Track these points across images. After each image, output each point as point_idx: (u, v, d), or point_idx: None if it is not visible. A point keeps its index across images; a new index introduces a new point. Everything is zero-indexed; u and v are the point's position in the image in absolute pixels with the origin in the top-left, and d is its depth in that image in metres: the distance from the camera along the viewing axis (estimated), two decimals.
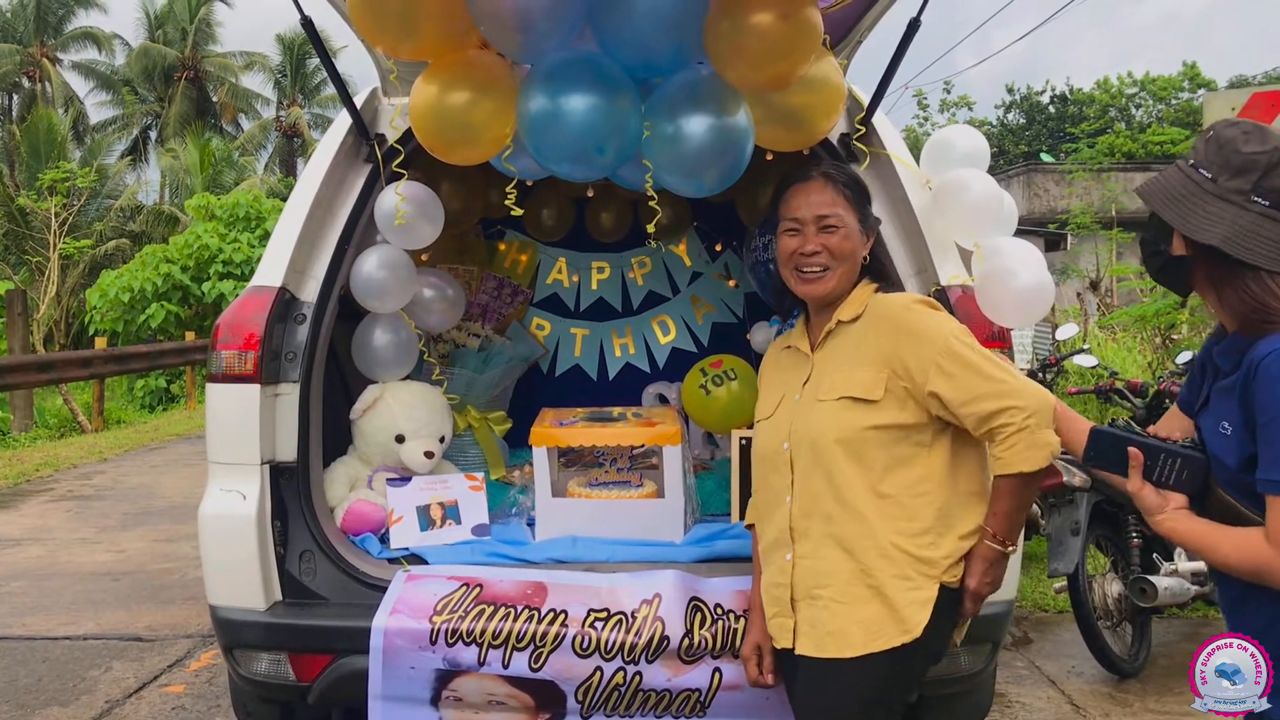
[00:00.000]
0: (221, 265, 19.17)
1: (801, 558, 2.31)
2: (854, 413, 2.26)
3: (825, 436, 2.27)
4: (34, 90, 37.88)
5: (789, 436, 2.35)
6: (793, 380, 2.44)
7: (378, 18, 2.65)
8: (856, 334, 2.34)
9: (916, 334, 2.25)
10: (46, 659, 5.02)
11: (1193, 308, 10.88)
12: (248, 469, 3.01)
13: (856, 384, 2.27)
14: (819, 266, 2.36)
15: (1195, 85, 34.29)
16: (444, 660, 2.79)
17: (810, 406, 2.33)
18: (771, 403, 2.48)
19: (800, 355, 2.47)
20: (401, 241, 3.46)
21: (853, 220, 2.39)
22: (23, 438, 13.61)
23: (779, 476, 2.38)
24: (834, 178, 2.41)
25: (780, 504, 2.37)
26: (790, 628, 2.32)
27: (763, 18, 2.56)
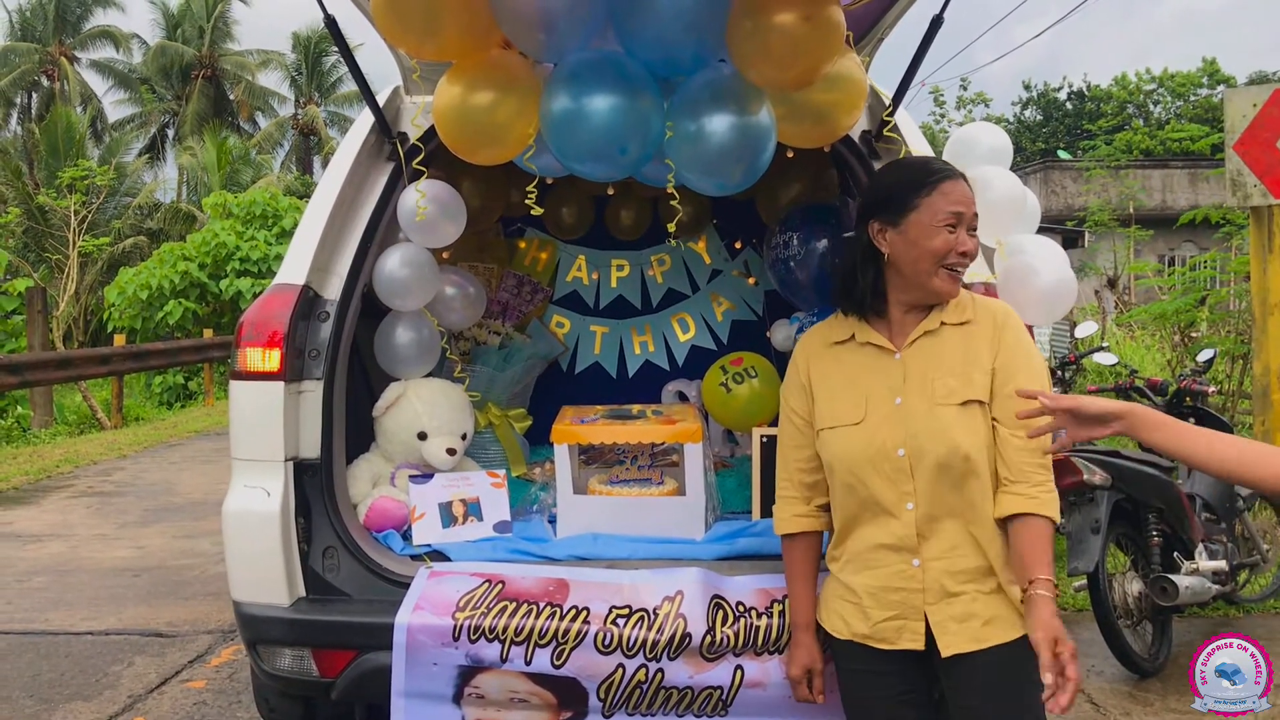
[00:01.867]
0: (239, 263, 19.25)
1: (932, 559, 2.26)
2: (977, 417, 2.24)
3: (957, 444, 2.21)
4: (52, 89, 38.09)
5: (904, 443, 2.26)
6: (879, 381, 2.33)
7: (401, 19, 2.65)
8: (963, 335, 2.30)
9: (1018, 346, 2.28)
10: (69, 654, 5.06)
11: (1211, 305, 10.84)
12: (272, 466, 3.02)
13: (977, 387, 2.24)
14: (964, 268, 2.32)
15: (1215, 81, 34.09)
16: (466, 657, 2.79)
17: (927, 411, 2.25)
18: (854, 406, 2.34)
19: (879, 353, 2.36)
20: (424, 240, 3.48)
21: None
22: (43, 434, 13.70)
23: (890, 485, 2.28)
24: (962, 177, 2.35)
25: (896, 511, 2.28)
26: (921, 630, 2.27)
27: (785, 17, 2.55)
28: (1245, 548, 5.29)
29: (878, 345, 2.35)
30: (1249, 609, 5.47)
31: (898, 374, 2.31)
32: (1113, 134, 29.97)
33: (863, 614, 2.35)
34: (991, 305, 2.35)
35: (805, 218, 4.25)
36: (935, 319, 2.31)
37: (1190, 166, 24.19)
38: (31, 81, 38.28)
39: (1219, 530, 5.02)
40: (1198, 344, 9.47)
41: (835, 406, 2.38)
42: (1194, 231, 16.68)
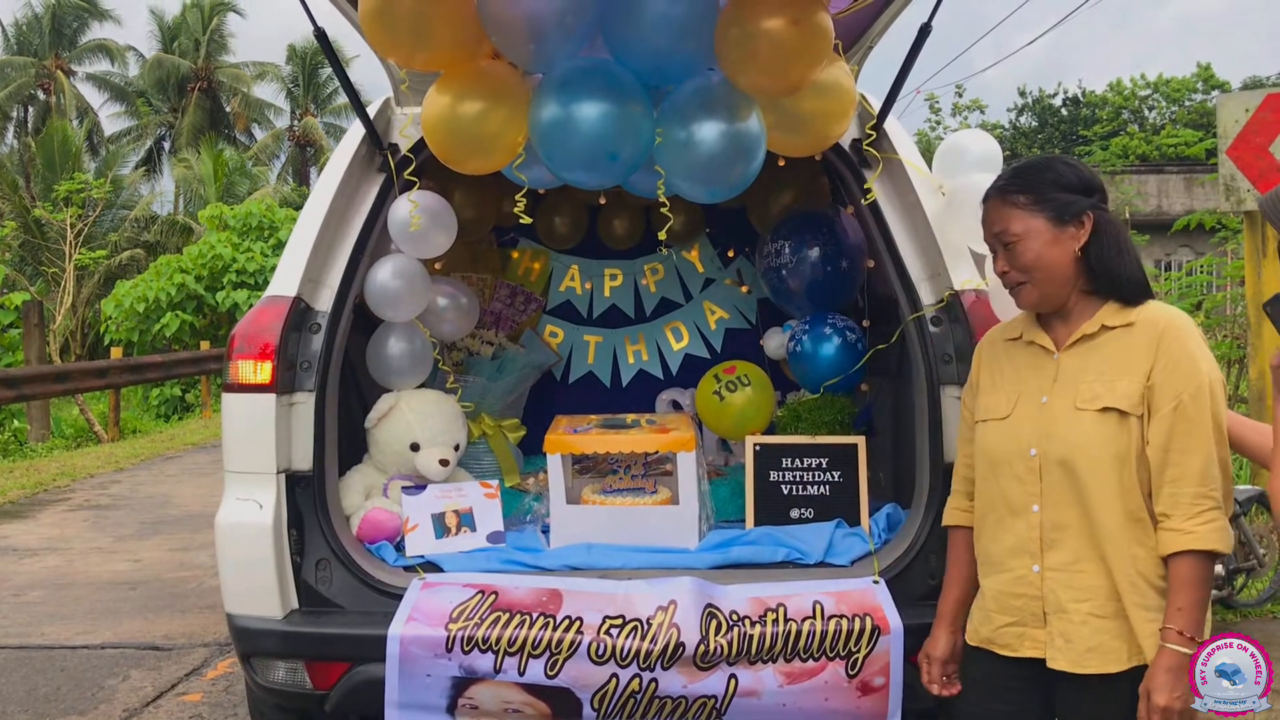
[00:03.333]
0: (235, 275, 19.27)
1: (1052, 569, 2.20)
2: (1117, 426, 2.14)
3: (1087, 450, 2.15)
4: (49, 102, 38.13)
5: (1038, 443, 2.22)
6: (1033, 379, 2.30)
7: (390, 29, 2.66)
8: (1121, 340, 2.20)
9: (1185, 357, 2.12)
10: (64, 668, 5.05)
11: (1208, 310, 10.85)
12: (264, 478, 3.02)
13: (1120, 395, 2.14)
14: (1014, 284, 2.28)
15: (1209, 87, 34.13)
16: (460, 668, 2.79)
17: (1066, 414, 2.20)
18: (1006, 401, 2.32)
19: (1040, 352, 2.31)
20: (415, 250, 3.48)
21: (1036, 225, 2.22)
22: (39, 448, 13.68)
23: (1019, 484, 2.25)
24: (1004, 189, 2.29)
25: (1022, 511, 2.24)
26: (1042, 639, 2.22)
27: (773, 23, 2.57)
28: (1242, 552, 5.29)
29: (1040, 345, 2.31)
30: (1246, 613, 5.47)
31: (1050, 374, 2.27)
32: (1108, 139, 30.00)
33: (987, 617, 2.33)
34: (1155, 312, 2.20)
35: (797, 226, 4.25)
36: (1096, 322, 2.22)
37: (1185, 171, 24.21)
38: (28, 95, 38.31)
39: None
40: None
41: (991, 400, 2.37)
42: (1190, 236, 16.72)
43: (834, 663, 2.79)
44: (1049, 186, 2.23)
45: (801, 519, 3.40)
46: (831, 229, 4.18)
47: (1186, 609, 2.05)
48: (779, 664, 2.78)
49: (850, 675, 2.79)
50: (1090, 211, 2.22)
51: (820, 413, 3.86)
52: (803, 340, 4.06)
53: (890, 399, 3.73)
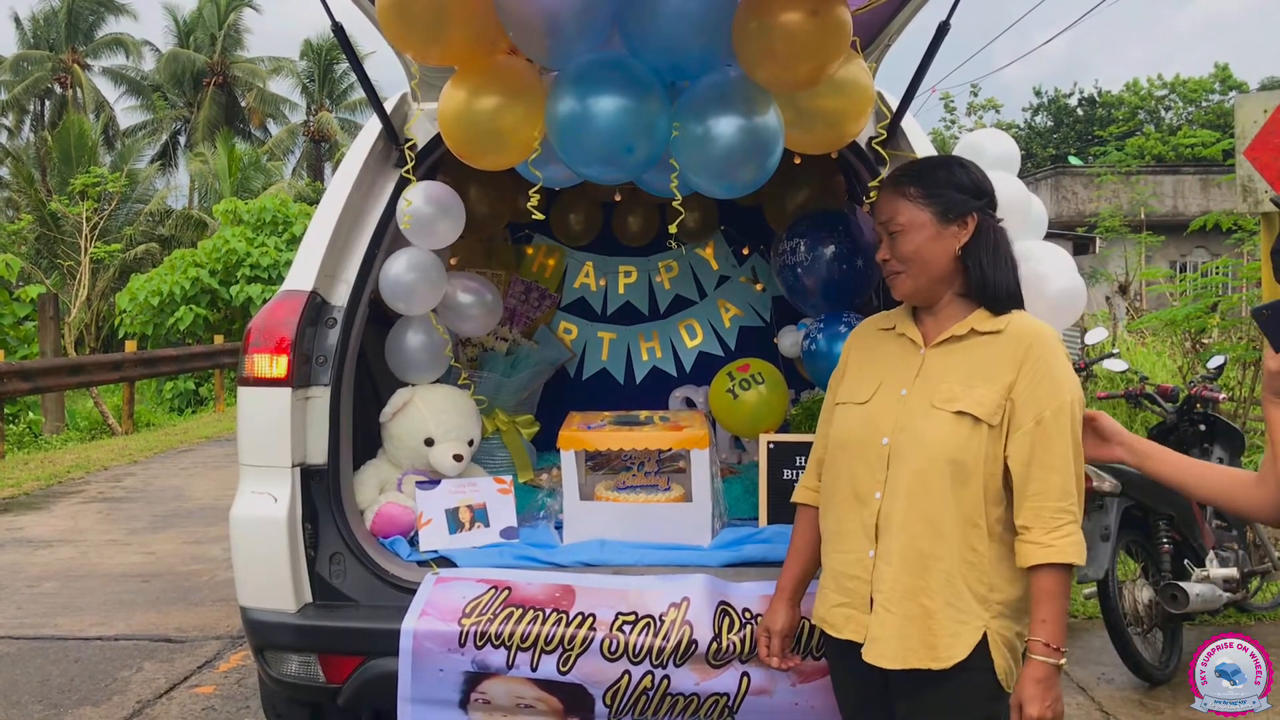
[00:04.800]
0: (249, 269, 19.33)
1: (884, 557, 2.22)
2: (968, 431, 2.15)
3: (934, 449, 2.16)
4: (65, 96, 38.30)
5: (891, 433, 2.24)
6: (896, 370, 2.32)
7: (407, 24, 2.66)
8: (987, 348, 2.22)
9: (1048, 376, 2.15)
10: (78, 659, 5.07)
11: (1223, 312, 10.79)
12: (279, 471, 3.03)
13: (976, 401, 2.16)
14: (893, 272, 2.30)
15: (1226, 87, 33.99)
16: (473, 663, 2.79)
17: (922, 409, 2.21)
18: (867, 387, 2.34)
19: (908, 344, 2.34)
20: (422, 242, 3.47)
21: (923, 217, 2.24)
22: (54, 440, 13.75)
23: (867, 470, 2.26)
24: (898, 179, 2.31)
25: (866, 497, 2.26)
26: (864, 624, 2.24)
27: (792, 16, 2.56)
28: (1256, 555, 5.26)
29: (910, 338, 2.34)
30: (1260, 616, 5.44)
31: (914, 369, 2.29)
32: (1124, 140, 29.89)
33: (824, 596, 2.38)
34: (1024, 324, 2.23)
35: (813, 224, 4.24)
36: (965, 325, 2.26)
37: (1202, 172, 24.11)
38: (44, 89, 38.49)
39: (1230, 537, 4.99)
40: (1209, 350, 9.44)
41: (853, 385, 2.40)
42: (1206, 237, 16.64)
43: None
44: (942, 184, 2.27)
45: None
46: (847, 227, 4.17)
47: (1050, 620, 2.09)
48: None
49: None
50: (975, 214, 2.26)
51: None
52: (817, 338, 4.05)
53: None
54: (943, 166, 2.31)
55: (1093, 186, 22.98)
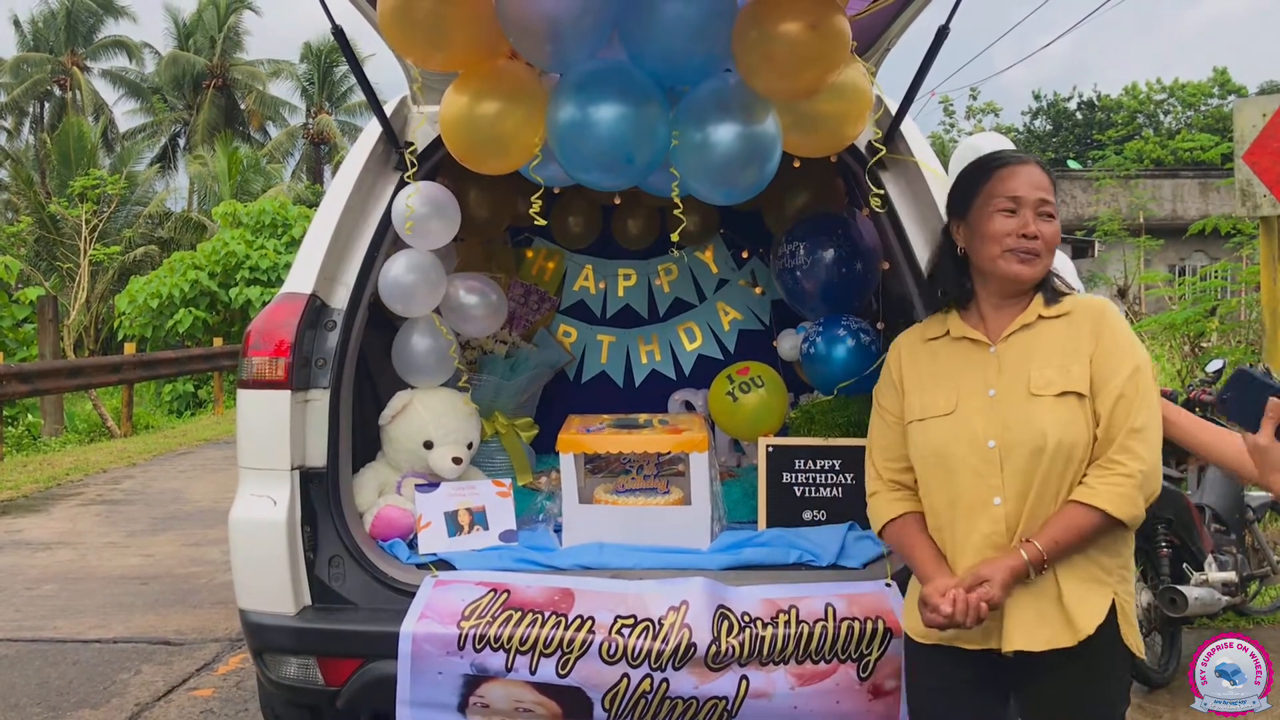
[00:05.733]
0: (248, 271, 19.33)
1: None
2: (1072, 410, 2.17)
3: (1047, 436, 2.16)
4: (64, 98, 38.29)
5: (997, 434, 2.20)
6: (970, 374, 2.29)
7: (409, 29, 2.67)
8: (1060, 329, 2.25)
9: (1122, 340, 2.22)
10: (77, 661, 5.07)
11: (1222, 315, 10.81)
12: (278, 474, 3.03)
13: (1075, 379, 2.18)
14: (1034, 252, 2.25)
15: (1225, 91, 34.02)
16: (471, 666, 2.80)
17: (1020, 402, 2.20)
18: (945, 397, 2.30)
19: (973, 347, 2.32)
20: (418, 243, 3.47)
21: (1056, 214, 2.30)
22: (53, 442, 13.75)
23: (978, 478, 2.22)
24: (1045, 167, 2.31)
25: (983, 506, 2.21)
26: (996, 630, 2.20)
27: (791, 26, 2.56)
28: (1255, 559, 5.26)
29: (972, 339, 2.32)
30: (1259, 620, 5.43)
31: (993, 367, 2.27)
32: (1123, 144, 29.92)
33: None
34: (1088, 299, 2.30)
35: (812, 228, 4.24)
36: (1033, 313, 2.27)
37: (1201, 176, 24.12)
38: (44, 91, 38.49)
39: (1228, 541, 4.99)
40: (1207, 354, 9.44)
41: (926, 398, 2.34)
42: (1204, 241, 16.65)
43: (846, 665, 2.78)
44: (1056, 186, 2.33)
45: (814, 521, 3.40)
46: (846, 231, 4.17)
47: (1055, 538, 2.12)
48: (790, 666, 2.77)
49: (862, 678, 2.79)
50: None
51: (834, 415, 3.85)
52: (816, 342, 4.05)
53: None
54: None
55: (1092, 190, 23.00)
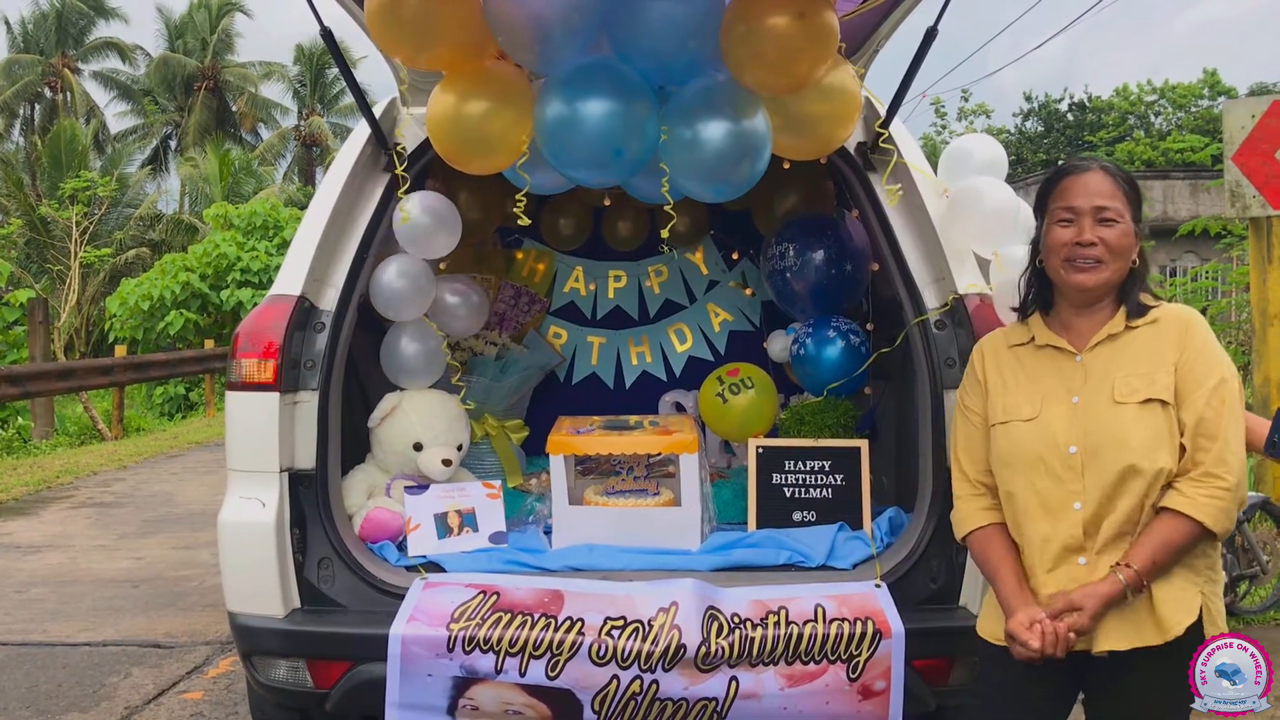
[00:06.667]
0: (240, 273, 19.28)
1: (1095, 567, 2.21)
2: (1158, 417, 2.17)
3: (1131, 444, 2.16)
4: (55, 100, 38.18)
5: (1078, 440, 2.22)
6: (1055, 381, 2.31)
7: (396, 29, 2.67)
8: (1149, 337, 2.25)
9: (1209, 351, 2.22)
10: (66, 665, 5.05)
11: (1212, 316, 10.83)
12: (267, 476, 3.03)
13: (1160, 387, 2.19)
14: (1093, 259, 2.24)
15: (1215, 93, 34.09)
16: (461, 668, 2.79)
17: (1105, 409, 2.21)
18: (1029, 402, 2.31)
19: (1059, 355, 2.33)
20: (419, 251, 3.48)
21: (1129, 218, 2.27)
22: (43, 445, 13.69)
23: (1057, 483, 2.23)
24: (1113, 172, 2.31)
25: (1061, 511, 2.23)
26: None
27: (778, 20, 2.57)
28: (1245, 559, 5.28)
29: (1058, 347, 2.33)
30: (1249, 620, 5.45)
31: (1078, 375, 2.28)
32: (1114, 145, 29.99)
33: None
34: (1176, 309, 2.29)
35: (802, 229, 4.25)
36: (1119, 322, 2.28)
37: (1191, 177, 24.16)
38: (34, 93, 38.37)
39: None
40: None
41: (1010, 401, 2.36)
42: (1195, 242, 16.67)
43: (835, 666, 2.78)
44: (1138, 194, 2.32)
45: (804, 522, 3.40)
46: (836, 232, 4.17)
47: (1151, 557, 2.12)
48: (780, 667, 2.78)
49: (851, 679, 2.79)
50: (1141, 236, 2.32)
51: (823, 416, 3.85)
52: (806, 343, 4.05)
53: (894, 402, 3.73)
54: (1136, 183, 2.35)
55: None
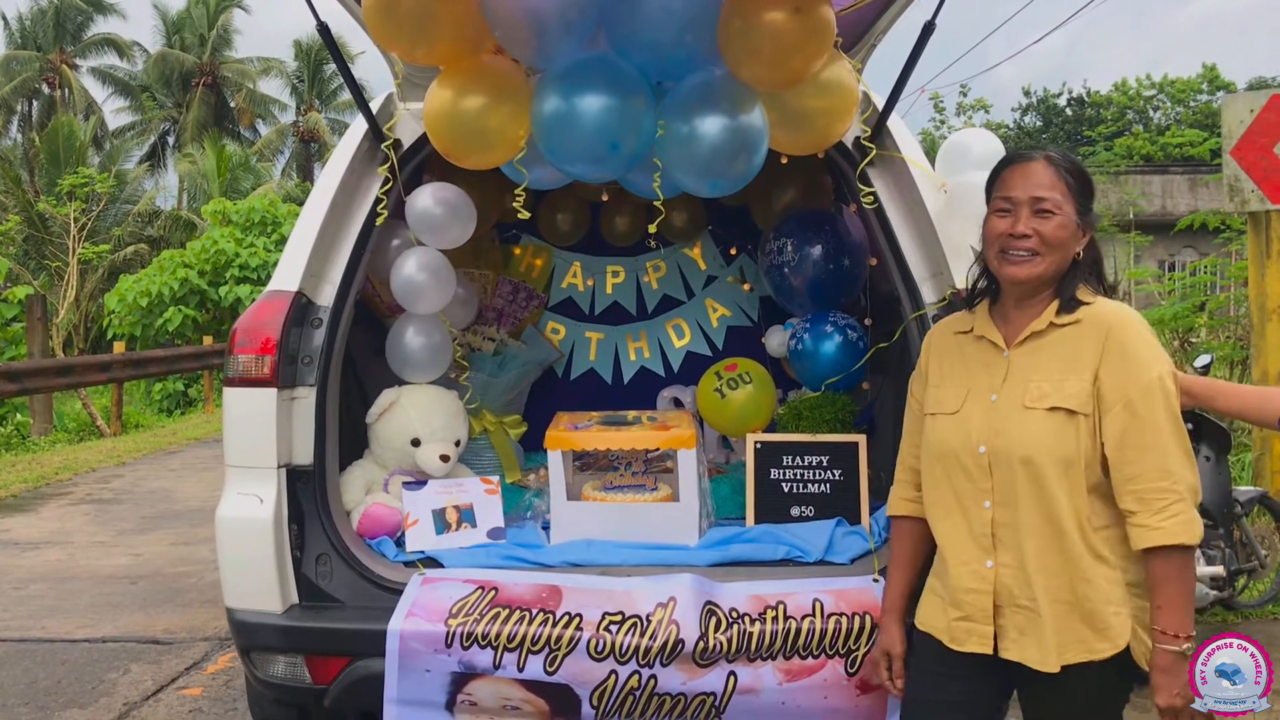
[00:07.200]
0: (238, 270, 19.28)
1: (1006, 565, 2.21)
2: (1065, 425, 2.15)
3: (1036, 450, 2.15)
4: (53, 96, 38.14)
5: (988, 441, 2.22)
6: (982, 376, 2.30)
7: (393, 23, 2.66)
8: (1070, 339, 2.21)
9: (1131, 355, 2.14)
10: (65, 661, 5.05)
11: (1211, 311, 10.83)
12: (264, 472, 3.02)
13: (1069, 394, 2.15)
14: (1027, 250, 2.21)
15: (1214, 87, 34.11)
16: (459, 663, 2.79)
17: (1016, 412, 2.20)
18: (955, 396, 2.32)
19: (990, 348, 2.32)
20: (435, 241, 3.49)
21: (1070, 210, 2.21)
22: (42, 441, 13.69)
23: (969, 480, 2.26)
24: (1057, 162, 2.26)
25: (973, 508, 2.26)
26: (989, 634, 2.23)
27: (775, 14, 2.57)
28: (1243, 553, 5.28)
29: (991, 341, 2.32)
30: (1247, 615, 5.45)
31: (1000, 372, 2.28)
32: (1112, 139, 29.99)
33: (942, 608, 2.33)
34: (1102, 309, 2.22)
35: (800, 224, 4.25)
36: (1045, 319, 2.24)
37: (1190, 172, 24.18)
38: (32, 89, 38.31)
39: (1217, 536, 5.01)
40: (1196, 349, 9.47)
41: (940, 393, 2.38)
42: (1193, 237, 16.70)
43: (833, 661, 2.78)
44: (1086, 185, 2.28)
45: (802, 517, 3.40)
46: (834, 227, 4.17)
47: (1168, 606, 2.08)
48: (778, 661, 2.78)
49: (849, 673, 2.79)
50: (1093, 227, 2.30)
51: (821, 411, 3.85)
52: (804, 338, 4.05)
53: (891, 397, 3.73)
54: (1086, 172, 2.31)
55: None
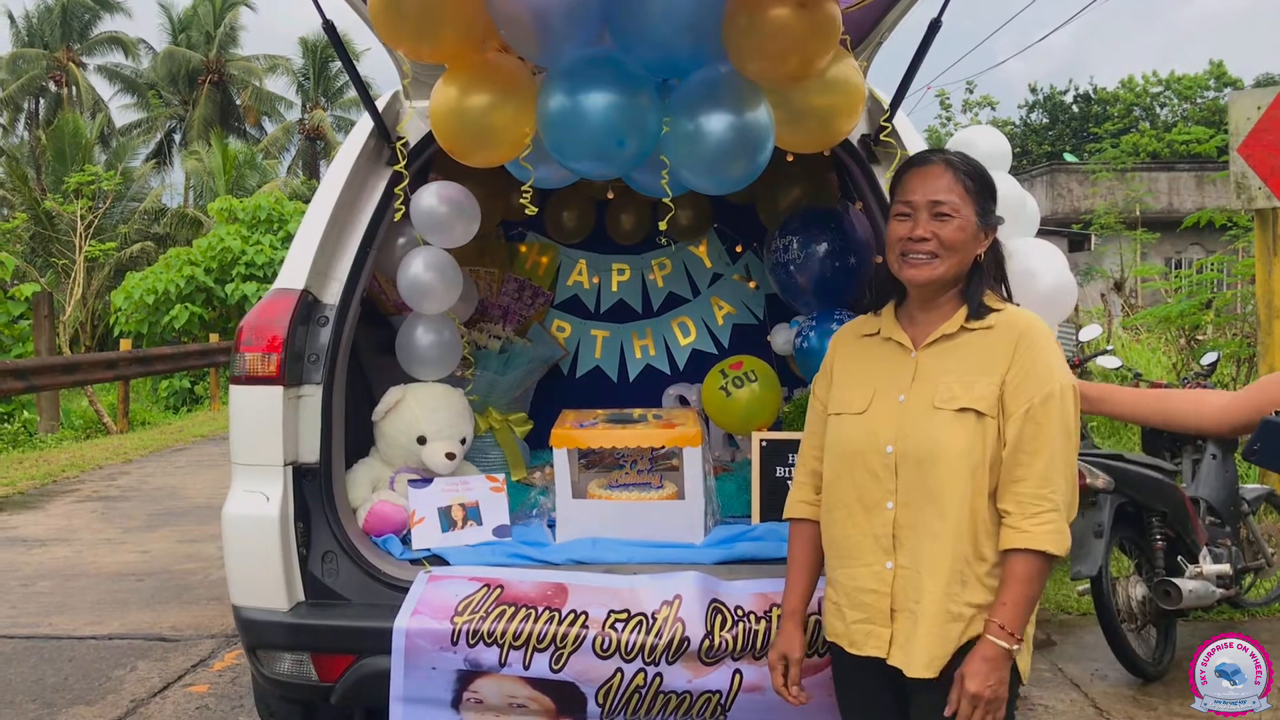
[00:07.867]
0: (244, 267, 19.29)
1: (904, 567, 2.19)
2: (973, 427, 2.14)
3: (942, 450, 2.14)
4: (60, 94, 38.22)
5: (895, 441, 2.21)
6: (890, 376, 2.29)
7: (399, 21, 2.66)
8: (981, 343, 2.21)
9: (1039, 364, 2.15)
10: (72, 658, 5.06)
11: (1218, 308, 10.81)
12: (271, 470, 3.03)
13: (978, 396, 2.15)
14: (925, 254, 2.21)
15: (1221, 84, 34.03)
16: (465, 661, 2.80)
17: (923, 412, 2.19)
18: (861, 396, 2.31)
19: (898, 349, 2.31)
20: (439, 240, 3.49)
21: (969, 212, 2.22)
22: (49, 439, 13.72)
23: (874, 480, 2.23)
24: (955, 165, 2.26)
25: (876, 508, 2.23)
26: (886, 637, 2.21)
27: (780, 10, 2.56)
28: (1250, 551, 5.27)
29: (899, 342, 2.31)
30: (1253, 613, 5.45)
31: (908, 373, 2.26)
32: (1119, 136, 29.94)
33: (840, 612, 2.31)
34: (1016, 315, 2.24)
35: (805, 221, 4.25)
36: (955, 322, 2.24)
37: (1197, 169, 24.13)
38: (39, 87, 38.40)
39: (1223, 534, 5.00)
40: (1203, 347, 9.45)
41: (846, 394, 2.35)
42: (1200, 234, 16.65)
43: None
44: (989, 189, 2.29)
45: None
46: (840, 225, 4.17)
47: (1011, 604, 2.09)
48: None
49: None
50: (995, 228, 2.29)
51: None
52: (810, 336, 4.05)
53: None
54: (987, 174, 2.31)
55: (1088, 183, 23.01)
